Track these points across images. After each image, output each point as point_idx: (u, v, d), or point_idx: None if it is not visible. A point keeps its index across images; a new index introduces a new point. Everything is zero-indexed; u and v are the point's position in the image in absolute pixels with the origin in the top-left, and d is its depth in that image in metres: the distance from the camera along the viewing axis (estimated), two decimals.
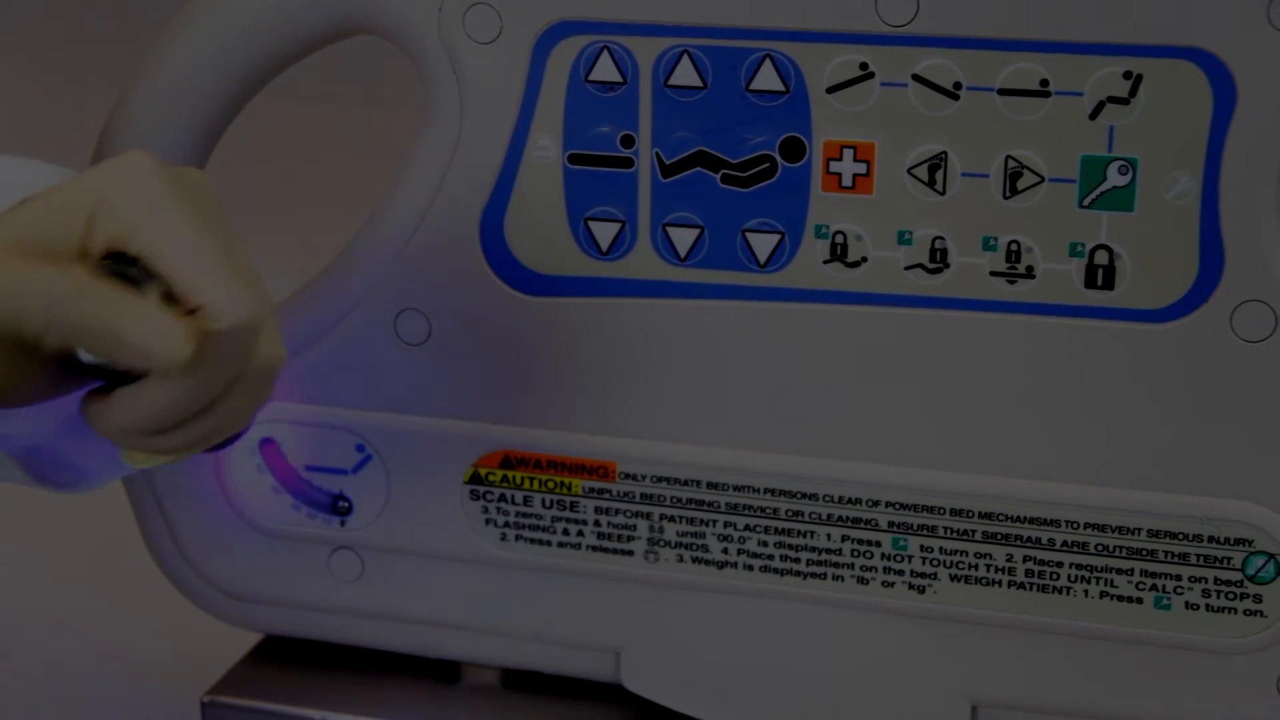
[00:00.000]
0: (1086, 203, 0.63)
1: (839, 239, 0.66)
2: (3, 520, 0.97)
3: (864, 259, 0.66)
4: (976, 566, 0.68)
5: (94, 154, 0.70)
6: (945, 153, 0.64)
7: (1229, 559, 0.65)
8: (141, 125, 0.70)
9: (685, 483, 0.70)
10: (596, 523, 0.72)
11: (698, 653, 0.72)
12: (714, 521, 0.70)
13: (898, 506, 0.68)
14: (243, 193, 0.59)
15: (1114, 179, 0.63)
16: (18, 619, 0.88)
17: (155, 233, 0.52)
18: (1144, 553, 0.66)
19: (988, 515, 0.67)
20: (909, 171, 0.64)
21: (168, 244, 0.52)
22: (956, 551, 0.68)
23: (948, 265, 0.65)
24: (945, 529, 0.68)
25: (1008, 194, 0.64)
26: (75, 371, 0.54)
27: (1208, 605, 0.66)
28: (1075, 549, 0.67)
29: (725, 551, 0.71)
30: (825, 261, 0.66)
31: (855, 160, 0.65)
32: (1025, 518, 0.67)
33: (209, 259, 0.52)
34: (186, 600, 0.79)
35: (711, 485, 0.70)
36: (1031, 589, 0.68)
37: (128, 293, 0.52)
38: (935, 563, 0.68)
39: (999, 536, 0.67)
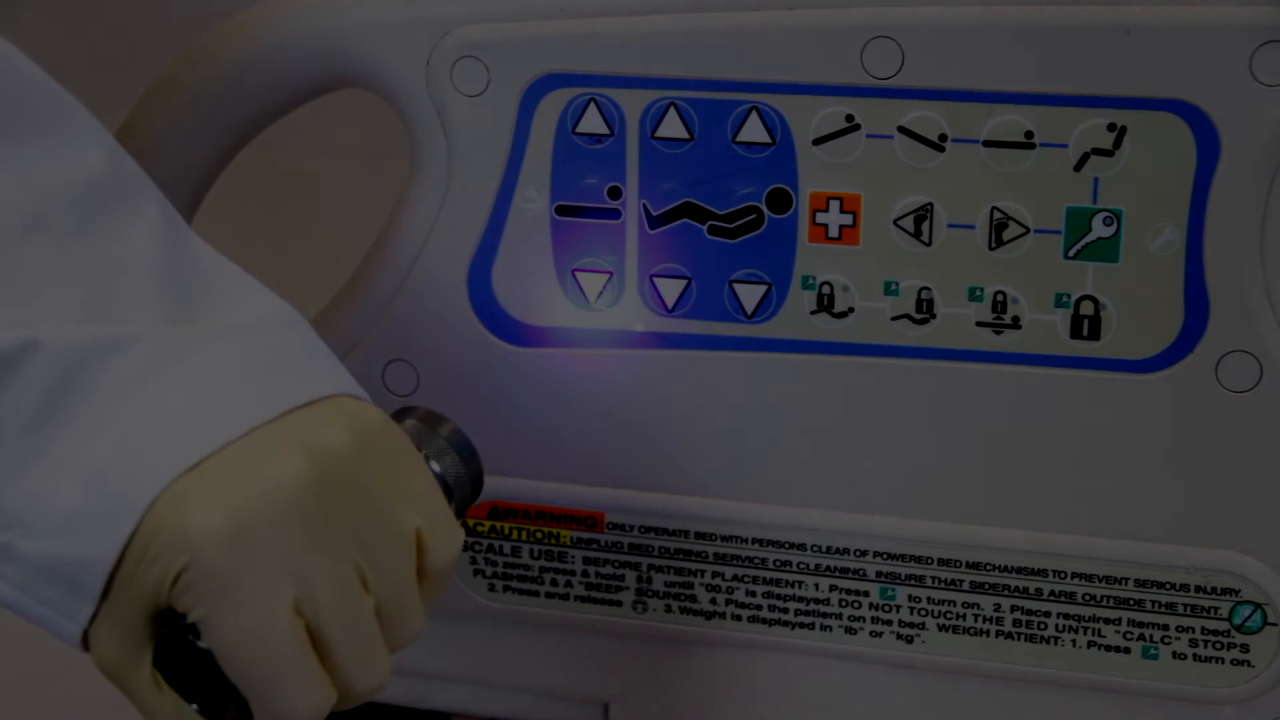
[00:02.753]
0: (1072, 254, 0.63)
1: (825, 289, 0.66)
2: None
3: (850, 309, 0.66)
4: (964, 616, 0.68)
5: None
6: (931, 204, 0.64)
7: (1216, 609, 0.65)
8: None
9: (673, 533, 0.70)
10: (585, 573, 0.72)
11: (686, 704, 0.72)
12: (702, 572, 0.70)
13: (885, 556, 0.68)
14: (230, 244, 0.59)
15: (1099, 230, 0.63)
16: None
17: (216, 637, 0.51)
18: (1131, 602, 0.66)
19: (975, 565, 0.67)
20: (895, 223, 0.65)
21: (225, 651, 0.52)
22: (944, 601, 0.68)
23: (934, 316, 0.65)
24: (933, 579, 0.68)
25: (993, 245, 0.64)
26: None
27: (1195, 655, 0.66)
28: (1062, 599, 0.67)
29: (713, 602, 0.71)
30: (812, 312, 0.66)
31: (841, 211, 0.65)
32: (1012, 567, 0.67)
33: (262, 667, 0.52)
34: None
35: (699, 535, 0.70)
36: (1019, 639, 0.68)
37: None
38: (923, 612, 0.68)
39: (986, 586, 0.68)
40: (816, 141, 0.65)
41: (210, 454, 0.52)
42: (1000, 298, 0.64)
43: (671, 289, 0.67)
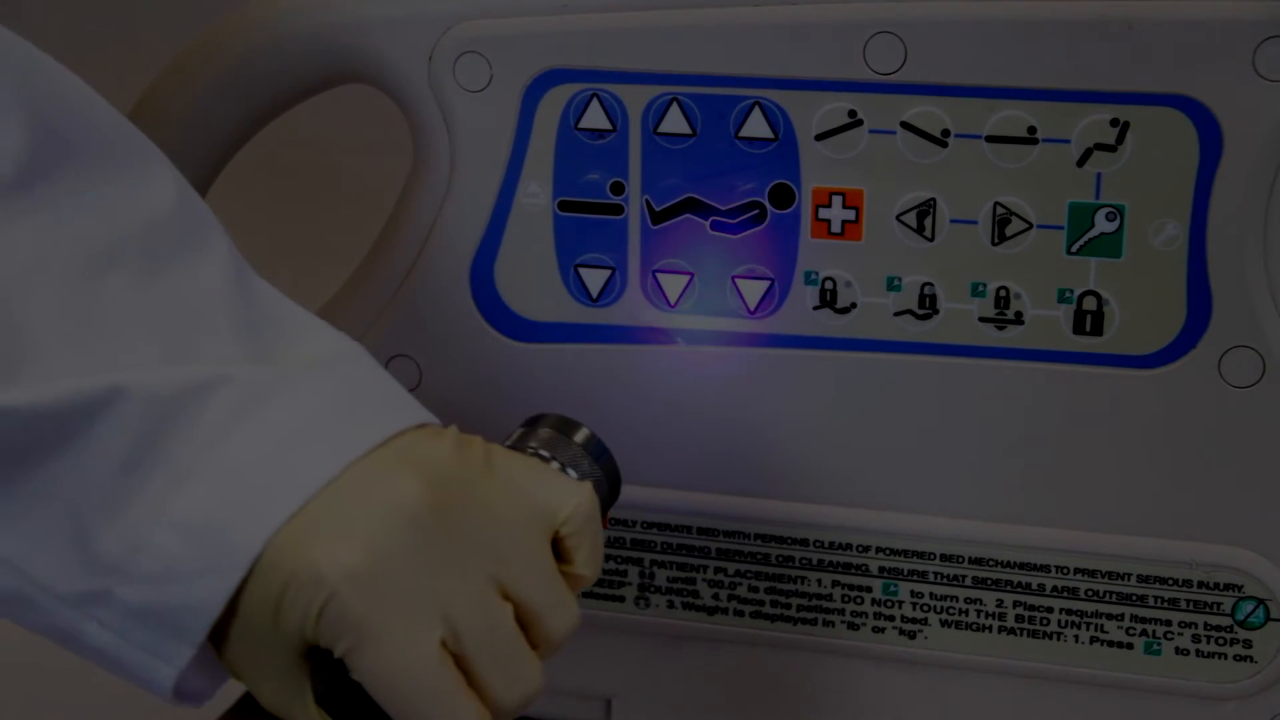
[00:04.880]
0: (1074, 249, 0.63)
1: (828, 285, 0.66)
2: None
3: (853, 305, 0.66)
4: (966, 612, 0.68)
5: None
6: (934, 199, 0.64)
7: (1219, 604, 0.65)
8: None
9: (676, 529, 0.70)
10: None
11: (688, 699, 0.72)
12: (704, 567, 0.70)
13: (888, 552, 0.68)
14: (234, 240, 0.59)
15: (1102, 225, 0.63)
16: None
17: (361, 671, 0.51)
18: (1134, 598, 0.66)
19: (978, 561, 0.67)
20: (898, 218, 0.65)
21: (372, 684, 0.51)
22: (947, 597, 0.68)
23: (937, 311, 0.65)
24: (935, 574, 0.68)
25: (996, 240, 0.64)
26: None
27: (1198, 650, 0.66)
28: (1065, 594, 0.67)
29: (716, 597, 0.71)
30: (815, 308, 0.66)
31: (844, 207, 0.65)
32: (1015, 563, 0.67)
33: (411, 698, 0.51)
34: None
35: (702, 531, 0.70)
36: (1021, 634, 0.68)
37: None
38: (925, 608, 0.68)
39: (989, 582, 0.68)
40: (819, 137, 0.65)
41: (313, 496, 0.51)
42: (1003, 293, 0.64)
43: (674, 284, 0.67)
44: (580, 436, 0.59)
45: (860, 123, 0.64)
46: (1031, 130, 0.63)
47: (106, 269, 0.53)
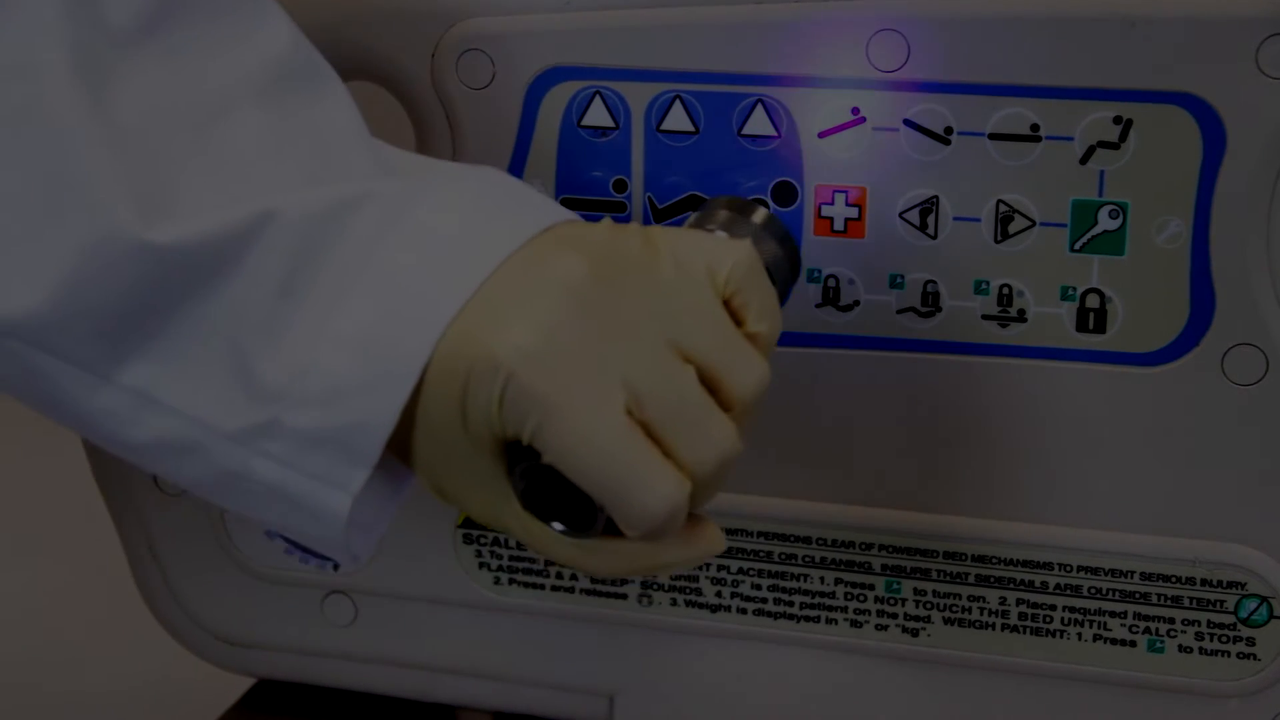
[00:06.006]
0: (1078, 247, 0.63)
1: (831, 283, 0.66)
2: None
3: (856, 303, 0.66)
4: (970, 609, 0.68)
5: None
6: (936, 197, 0.64)
7: (1222, 602, 0.65)
8: None
9: None
10: None
11: (691, 696, 0.72)
12: (707, 565, 0.70)
13: (891, 549, 0.68)
14: None
15: (1105, 223, 0.63)
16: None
17: (551, 450, 0.50)
18: (1137, 595, 0.66)
19: (981, 558, 0.67)
20: (900, 216, 0.65)
21: (563, 460, 0.50)
22: (950, 594, 0.68)
23: (939, 309, 0.65)
24: (938, 572, 0.68)
25: (999, 238, 0.64)
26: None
27: (1201, 648, 0.66)
28: (1068, 592, 0.67)
29: (719, 595, 0.71)
30: (817, 305, 0.66)
31: (847, 204, 0.65)
32: (1018, 560, 0.67)
33: (604, 468, 0.50)
34: (178, 644, 0.79)
35: None
36: (1024, 632, 0.68)
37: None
38: (928, 605, 0.68)
39: (992, 579, 0.68)
40: (822, 134, 0.65)
41: (474, 292, 0.51)
42: (1006, 291, 0.64)
43: None
44: (758, 217, 0.58)
45: (863, 120, 0.64)
46: (1034, 128, 0.63)
47: (235, 105, 0.53)
